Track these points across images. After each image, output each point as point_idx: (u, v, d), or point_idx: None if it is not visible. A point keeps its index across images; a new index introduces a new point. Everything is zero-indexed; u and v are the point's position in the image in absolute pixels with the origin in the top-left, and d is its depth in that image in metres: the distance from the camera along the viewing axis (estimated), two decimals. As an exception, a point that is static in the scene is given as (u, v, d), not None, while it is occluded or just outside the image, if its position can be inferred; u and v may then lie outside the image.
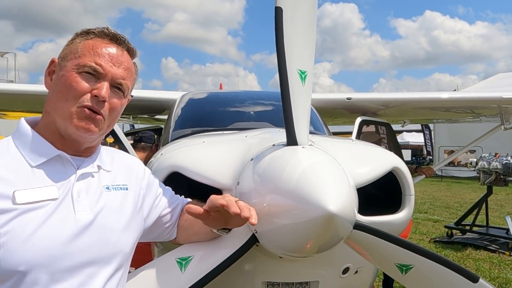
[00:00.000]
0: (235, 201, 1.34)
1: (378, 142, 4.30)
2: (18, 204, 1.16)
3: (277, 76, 1.53)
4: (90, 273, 1.24)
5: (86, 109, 1.27)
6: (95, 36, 1.35)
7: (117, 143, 2.91)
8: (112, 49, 1.34)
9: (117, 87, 1.34)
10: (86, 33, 1.36)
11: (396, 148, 4.63)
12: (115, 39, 1.36)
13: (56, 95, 1.30)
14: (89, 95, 1.28)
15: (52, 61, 1.37)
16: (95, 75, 1.30)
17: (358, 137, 3.80)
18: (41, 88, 4.09)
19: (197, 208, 1.38)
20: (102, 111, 1.30)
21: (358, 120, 3.89)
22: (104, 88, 1.29)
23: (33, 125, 1.33)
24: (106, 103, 1.31)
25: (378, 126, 4.71)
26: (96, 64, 1.29)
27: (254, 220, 1.32)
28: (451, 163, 19.45)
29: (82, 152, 1.35)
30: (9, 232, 1.13)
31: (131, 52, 1.41)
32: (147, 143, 4.52)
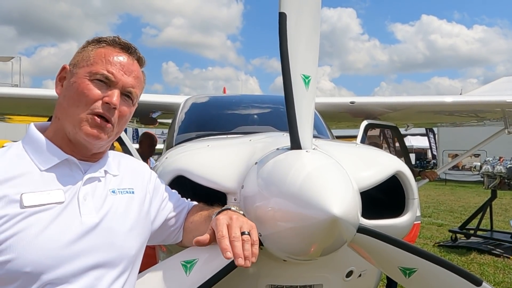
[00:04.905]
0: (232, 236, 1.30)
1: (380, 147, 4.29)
2: (26, 207, 1.18)
3: (277, 80, 1.55)
4: (96, 275, 1.26)
5: (97, 118, 1.31)
6: (107, 44, 1.38)
7: (123, 148, 2.93)
8: (124, 58, 1.38)
9: (126, 95, 1.38)
10: (98, 41, 1.39)
11: (404, 151, 4.59)
12: (127, 48, 1.40)
13: (67, 101, 1.33)
14: (100, 102, 1.31)
15: (63, 68, 1.40)
16: (106, 82, 1.33)
17: (363, 140, 3.78)
18: (45, 92, 4.13)
19: (204, 239, 1.38)
20: (112, 118, 1.33)
21: (364, 123, 3.86)
22: (115, 96, 1.33)
23: (43, 130, 1.36)
24: (116, 110, 1.34)
25: (385, 129, 4.67)
26: (108, 72, 1.33)
27: (240, 260, 1.26)
28: (455, 167, 19.37)
29: (89, 157, 1.37)
30: (16, 234, 1.15)
31: (141, 61, 1.45)
32: None
